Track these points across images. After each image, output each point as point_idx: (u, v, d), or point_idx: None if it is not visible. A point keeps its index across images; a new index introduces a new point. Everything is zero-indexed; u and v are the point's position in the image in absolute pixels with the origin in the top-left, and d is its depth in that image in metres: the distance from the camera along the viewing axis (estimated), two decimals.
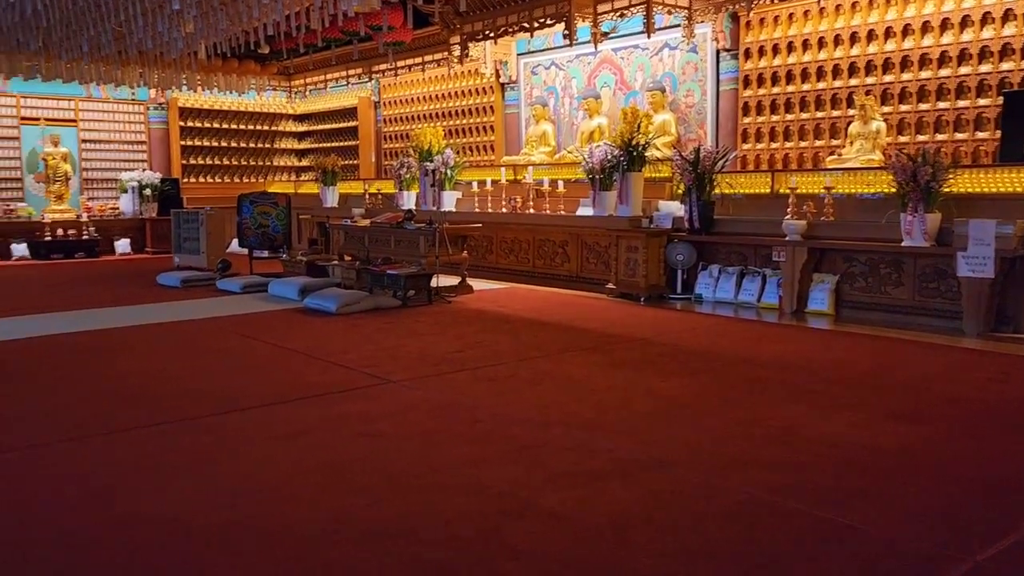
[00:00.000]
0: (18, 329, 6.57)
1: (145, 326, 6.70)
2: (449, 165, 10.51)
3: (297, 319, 6.99)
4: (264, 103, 15.65)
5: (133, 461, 3.45)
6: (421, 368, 5.13)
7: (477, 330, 6.47)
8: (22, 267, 11.85)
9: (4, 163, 13.36)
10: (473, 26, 10.06)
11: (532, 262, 9.38)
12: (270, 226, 9.72)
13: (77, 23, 8.73)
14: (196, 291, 8.83)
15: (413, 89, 13.40)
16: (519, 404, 4.31)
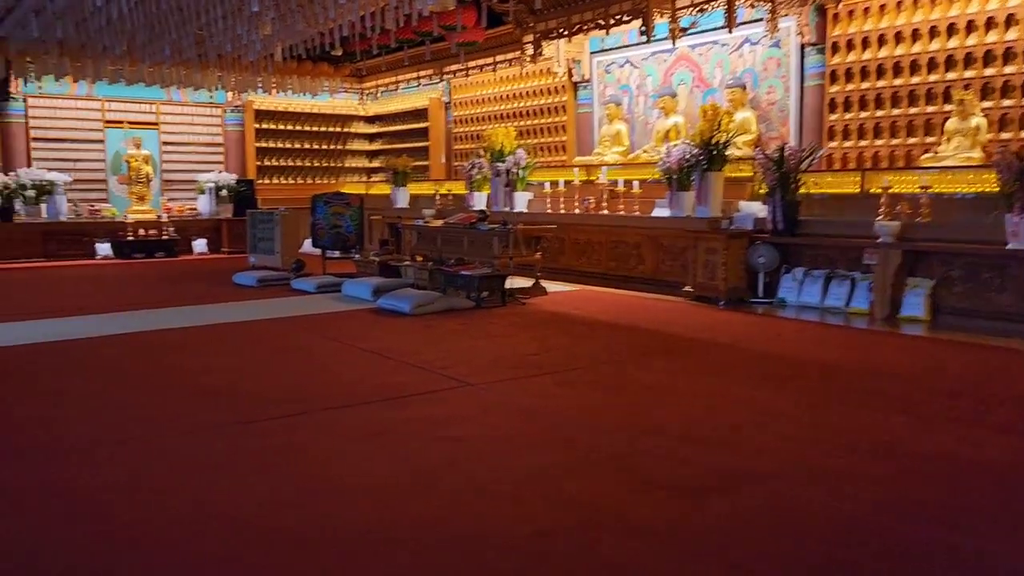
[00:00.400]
0: (102, 326, 6.70)
1: (223, 325, 6.76)
2: (521, 166, 10.40)
3: (371, 319, 6.96)
4: (336, 105, 15.82)
5: (211, 460, 3.41)
6: (498, 371, 5.01)
7: (553, 333, 6.32)
8: (106, 266, 12.19)
9: (90, 165, 13.80)
10: (547, 24, 9.92)
11: (605, 264, 9.19)
12: (343, 226, 9.76)
13: (160, 27, 8.92)
14: (271, 291, 8.91)
15: (484, 89, 13.34)
16: (602, 410, 4.15)
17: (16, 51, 10.45)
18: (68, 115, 13.56)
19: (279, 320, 6.96)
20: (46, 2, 8.19)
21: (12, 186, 12.47)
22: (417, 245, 9.12)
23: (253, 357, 5.54)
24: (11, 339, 6.09)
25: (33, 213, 12.68)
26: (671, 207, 8.40)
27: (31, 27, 8.95)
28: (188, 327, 6.64)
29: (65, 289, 9.39)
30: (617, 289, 8.75)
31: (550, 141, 12.06)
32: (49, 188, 12.76)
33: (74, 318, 7.14)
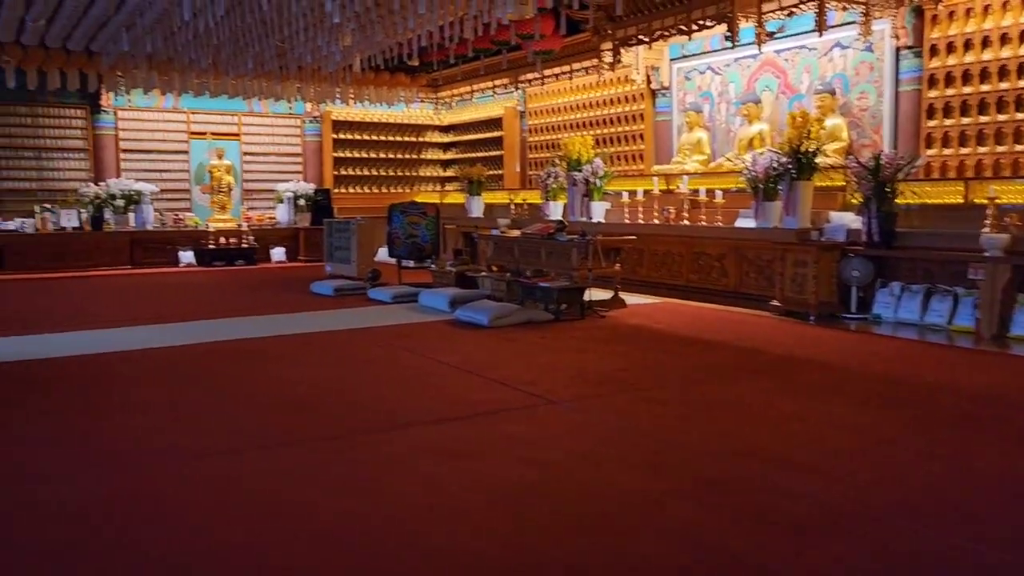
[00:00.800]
0: (186, 335, 6.79)
1: (303, 335, 6.77)
2: (598, 175, 10.21)
3: (449, 331, 6.87)
4: (412, 114, 15.92)
5: (292, 476, 3.33)
6: (583, 388, 4.85)
7: (637, 348, 6.12)
8: (188, 273, 12.48)
9: (175, 175, 14.19)
10: (626, 31, 9.74)
11: (686, 276, 8.92)
12: (419, 236, 9.74)
13: (244, 40, 9.07)
14: (348, 300, 8.94)
15: (560, 98, 13.21)
16: (695, 432, 3.94)
17: (107, 65, 10.80)
18: (155, 127, 13.98)
19: (357, 331, 6.93)
20: (136, 17, 8.41)
21: (103, 196, 12.90)
22: (493, 255, 9.03)
23: (334, 369, 5.50)
24: (101, 346, 6.22)
25: (121, 222, 13.09)
26: (757, 217, 8.10)
27: (122, 42, 9.22)
28: (268, 336, 6.67)
29: (151, 297, 9.62)
30: (698, 302, 8.48)
31: (627, 150, 11.85)
32: (137, 198, 13.16)
33: (160, 326, 7.27)
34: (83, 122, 13.37)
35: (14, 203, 12.91)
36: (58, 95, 12.76)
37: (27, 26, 9.24)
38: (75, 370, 5.49)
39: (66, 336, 6.78)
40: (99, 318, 7.76)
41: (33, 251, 12.48)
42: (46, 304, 8.93)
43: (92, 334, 6.86)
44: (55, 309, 8.52)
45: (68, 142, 13.30)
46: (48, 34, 9.68)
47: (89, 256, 12.82)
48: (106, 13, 8.37)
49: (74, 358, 5.84)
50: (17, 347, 6.26)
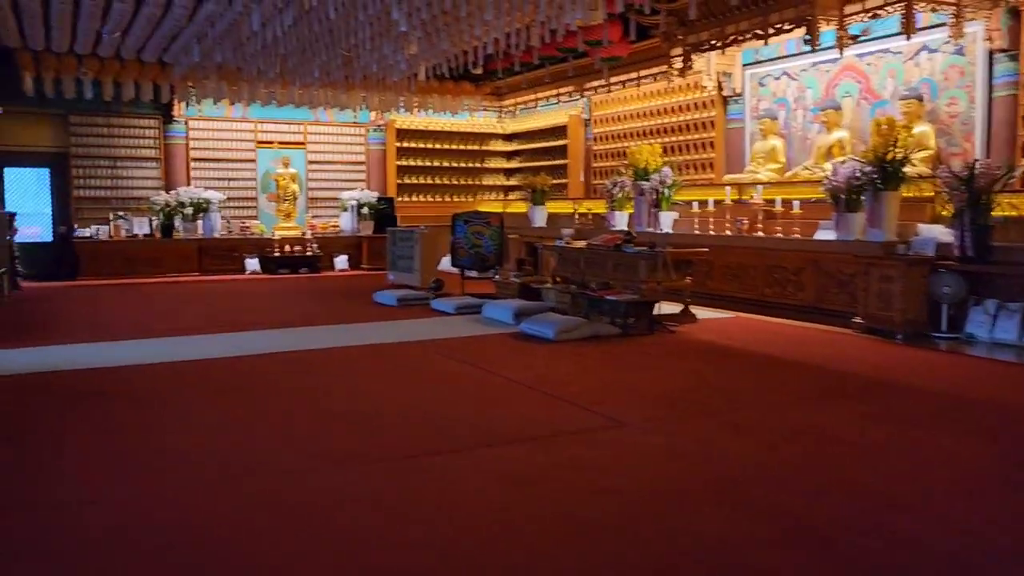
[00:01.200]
0: (253, 344, 6.74)
1: (367, 347, 6.65)
2: (667, 184, 9.91)
3: (514, 344, 6.67)
4: (475, 123, 15.84)
5: (353, 500, 3.16)
6: (655, 409, 4.58)
7: (710, 366, 5.82)
8: (254, 281, 12.59)
9: (243, 184, 14.37)
10: (698, 36, 9.43)
11: (760, 290, 8.55)
12: (483, 246, 9.59)
13: (311, 50, 9.07)
14: (411, 310, 8.83)
15: (626, 105, 12.94)
16: (781, 463, 3.64)
17: (179, 76, 10.97)
18: (224, 136, 14.18)
19: (421, 343, 6.79)
20: (207, 28, 8.47)
21: (173, 204, 13.13)
22: (558, 267, 8.81)
23: (397, 384, 5.34)
24: (169, 355, 6.20)
25: (190, 230, 13.30)
26: (838, 229, 7.69)
27: (193, 52, 9.32)
28: (333, 348, 6.57)
29: (218, 304, 9.68)
30: (773, 317, 8.10)
31: (696, 158, 11.50)
32: (205, 206, 13.35)
33: (227, 335, 7.24)
34: (155, 132, 13.65)
35: (90, 211, 13.23)
36: (132, 106, 13.04)
37: (104, 38, 9.42)
38: (143, 381, 5.46)
39: (135, 344, 6.80)
40: (168, 326, 7.80)
41: (106, 258, 12.76)
42: (117, 311, 9.06)
43: (160, 342, 6.88)
44: (126, 316, 8.62)
45: (141, 151, 13.59)
46: (123, 46, 9.86)
47: (159, 263, 13.05)
48: (178, 24, 8.46)
49: (143, 367, 5.83)
50: (87, 355, 6.29)
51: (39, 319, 8.37)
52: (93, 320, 8.28)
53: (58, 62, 10.53)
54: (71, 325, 7.93)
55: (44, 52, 10.29)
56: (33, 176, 13.32)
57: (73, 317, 8.51)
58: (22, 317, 8.54)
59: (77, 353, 6.39)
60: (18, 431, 4.23)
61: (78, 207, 13.15)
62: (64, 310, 9.09)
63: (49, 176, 13.32)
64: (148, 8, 7.84)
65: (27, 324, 8.03)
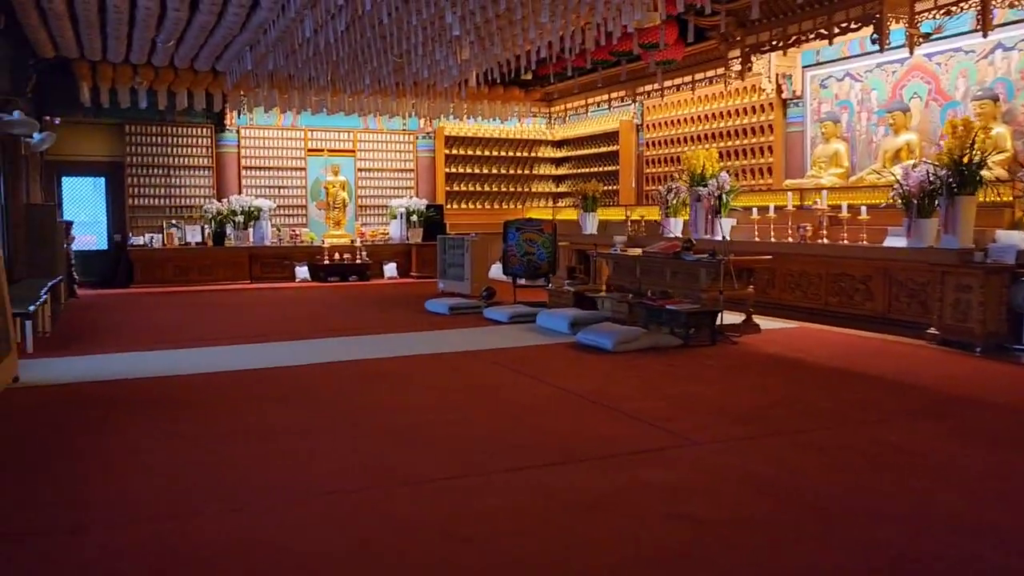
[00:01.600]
0: (305, 354, 6.65)
1: (421, 357, 6.51)
2: (725, 190, 9.62)
3: (571, 355, 6.47)
4: (524, 130, 15.68)
5: (414, 523, 2.99)
6: (725, 426, 4.34)
7: (779, 380, 5.55)
8: (304, 289, 12.58)
9: (292, 192, 14.42)
10: (758, 37, 9.14)
11: (824, 299, 8.21)
12: (535, 254, 9.41)
13: (363, 56, 9.01)
14: (463, 319, 8.68)
15: (679, 110, 12.66)
16: (866, 488, 3.38)
17: (231, 84, 11.01)
18: (274, 144, 14.25)
19: (476, 353, 6.62)
20: (260, 35, 8.46)
21: (224, 212, 13.21)
22: (613, 275, 8.59)
23: (455, 396, 5.18)
24: (224, 364, 6.14)
25: (241, 238, 13.37)
26: (909, 236, 7.35)
27: (246, 60, 9.33)
28: (387, 357, 6.44)
29: (270, 312, 9.65)
30: (839, 328, 7.78)
31: (754, 163, 11.18)
32: (256, 214, 13.42)
33: (281, 343, 7.18)
34: (208, 140, 13.77)
35: (144, 219, 13.38)
36: (185, 115, 13.16)
37: (158, 47, 9.48)
38: (200, 390, 5.39)
39: (191, 353, 6.77)
40: (221, 334, 7.77)
41: (159, 265, 12.88)
42: (171, 318, 9.08)
43: (216, 351, 6.83)
44: (180, 324, 8.63)
45: (194, 160, 13.71)
46: (177, 55, 9.92)
47: (211, 271, 13.14)
48: (231, 32, 8.46)
49: (199, 376, 5.77)
50: (144, 364, 6.27)
51: (96, 326, 8.42)
52: (148, 328, 8.30)
53: (114, 72, 10.65)
54: (127, 333, 7.95)
55: (101, 62, 10.42)
56: (89, 185, 13.54)
57: (129, 325, 8.54)
58: (79, 324, 8.60)
59: (134, 361, 6.37)
60: (76, 442, 4.17)
61: (132, 215, 13.32)
62: (120, 317, 9.15)
63: (105, 185, 13.52)
64: (202, 16, 7.85)
65: (84, 331, 8.08)
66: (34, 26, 8.15)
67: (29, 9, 7.49)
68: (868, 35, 8.05)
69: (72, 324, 8.65)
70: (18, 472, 3.72)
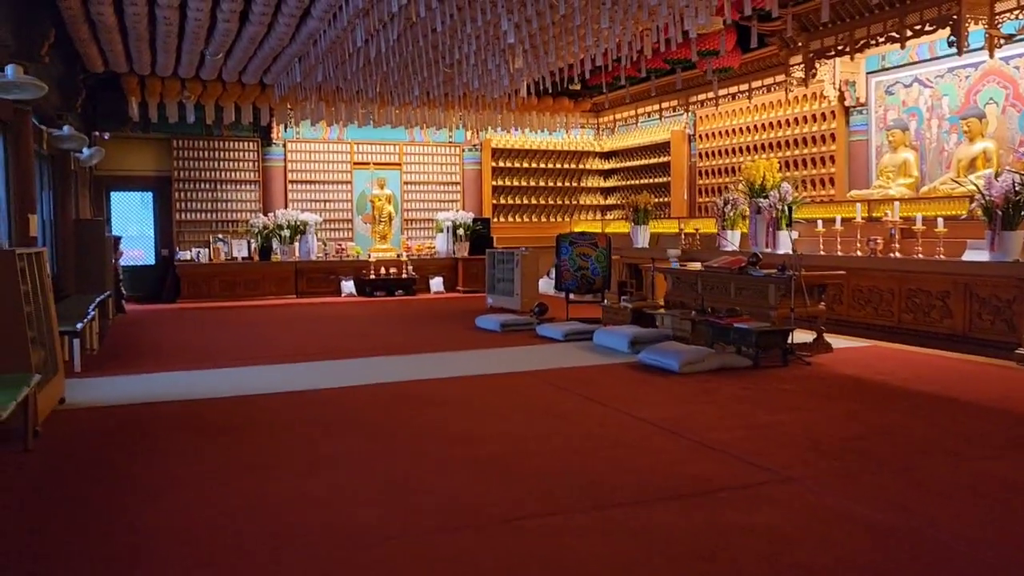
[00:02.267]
0: (355, 374, 6.41)
1: (475, 378, 6.23)
2: (787, 201, 9.22)
3: (635, 377, 6.13)
4: (571, 141, 15.39)
5: (484, 571, 2.70)
6: (819, 459, 3.98)
7: (865, 406, 5.15)
8: (350, 304, 12.41)
9: (338, 206, 14.29)
10: (823, 42, 8.75)
11: (897, 316, 7.77)
12: (589, 268, 9.10)
13: (413, 67, 8.81)
14: (516, 336, 8.38)
15: (734, 119, 12.27)
16: (1001, 535, 3.00)
17: (279, 98, 10.90)
18: (320, 158, 14.14)
19: (534, 374, 6.32)
20: (309, 47, 8.30)
21: (271, 226, 13.12)
22: (673, 290, 8.23)
23: (520, 424, 4.88)
24: (266, 386, 5.92)
25: (287, 252, 13.26)
26: (992, 249, 6.89)
27: (294, 73, 9.18)
28: (439, 379, 6.17)
29: (317, 329, 9.46)
30: (914, 347, 7.34)
31: (815, 174, 10.73)
32: (302, 228, 13.30)
33: (329, 362, 6.96)
34: (255, 154, 13.71)
35: (191, 233, 13.35)
36: (232, 129, 13.12)
37: (206, 61, 9.39)
38: (246, 414, 5.16)
39: (241, 372, 6.57)
40: (267, 352, 7.58)
41: (206, 280, 12.82)
42: (217, 336, 8.93)
43: (261, 371, 6.63)
44: (228, 341, 8.47)
45: (241, 174, 13.65)
46: (225, 68, 9.83)
47: (257, 285, 13.04)
48: (281, 43, 8.31)
49: (245, 399, 5.55)
50: (195, 384, 6.08)
51: (142, 344, 8.30)
52: (193, 346, 8.15)
53: (162, 86, 10.60)
54: (173, 351, 7.80)
55: (149, 76, 10.37)
56: (137, 199, 13.55)
57: (174, 342, 8.41)
58: (126, 342, 8.49)
59: (179, 382, 6.19)
60: (120, 472, 3.95)
61: (179, 230, 13.29)
62: (166, 334, 9.03)
63: (152, 199, 13.52)
64: (252, 27, 7.70)
65: (130, 349, 7.95)
66: (84, 40, 8.08)
67: (79, 22, 7.41)
68: (942, 38, 7.64)
69: (119, 341, 8.54)
70: (57, 503, 3.51)
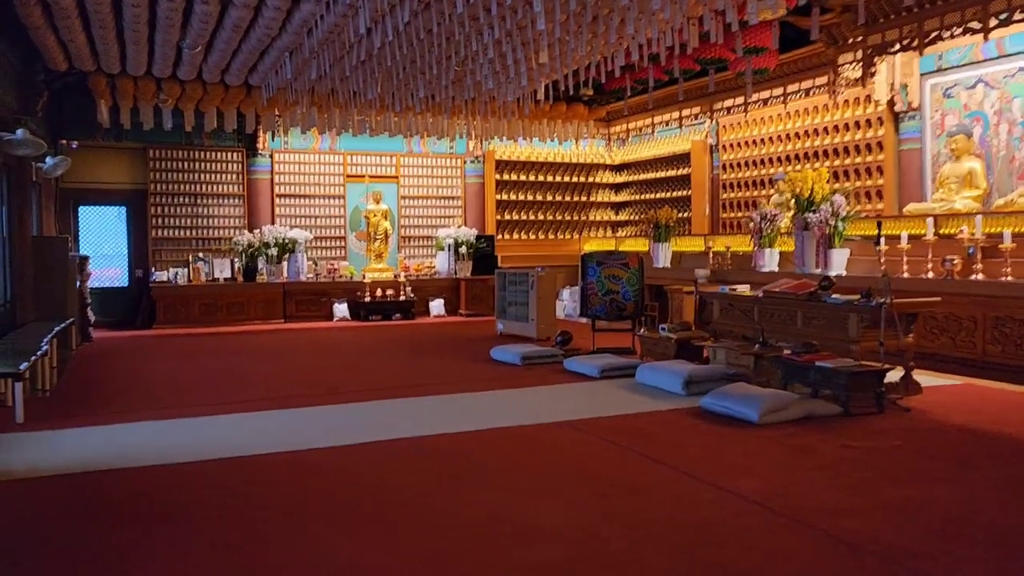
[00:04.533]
0: (353, 424, 5.28)
1: (505, 431, 5.09)
2: (840, 215, 8.19)
3: (704, 429, 5.02)
4: (580, 153, 14.35)
5: None
6: (1004, 561, 2.89)
7: (1015, 471, 4.07)
8: (343, 330, 11.27)
9: (330, 222, 13.15)
10: (884, 36, 7.75)
11: (981, 347, 6.73)
12: (620, 292, 8.02)
13: (419, 64, 7.74)
14: (540, 372, 7.26)
15: (763, 128, 11.28)
16: None
17: (267, 100, 9.80)
18: (311, 170, 13.02)
19: (576, 424, 5.19)
20: (303, 36, 7.21)
21: (256, 244, 11.97)
22: (721, 318, 7.15)
23: (574, 499, 3.75)
24: (249, 443, 4.77)
25: (275, 272, 12.10)
26: None
27: (285, 70, 8.08)
28: (459, 433, 5.02)
29: (308, 361, 8.30)
30: (1005, 383, 6.30)
31: (859, 186, 9.71)
32: (291, 246, 12.17)
33: (319, 408, 5.81)
34: (238, 166, 12.56)
35: (168, 252, 12.17)
36: (214, 138, 12.02)
37: (184, 55, 8.27)
38: (226, 488, 4.01)
39: (216, 424, 5.42)
40: (251, 391, 6.45)
41: (185, 303, 11.64)
42: (194, 370, 7.76)
43: (243, 421, 5.48)
44: (204, 376, 7.31)
45: (223, 187, 12.49)
46: (206, 65, 8.72)
47: (241, 309, 11.87)
48: (269, 33, 7.22)
49: (224, 464, 4.40)
50: (158, 441, 4.93)
51: (109, 381, 7.13)
52: (170, 382, 6.99)
53: (135, 87, 9.46)
54: (144, 390, 6.63)
55: (120, 76, 9.23)
56: (109, 215, 12.36)
57: (147, 378, 7.24)
58: (90, 378, 7.32)
59: (149, 436, 5.04)
60: None
61: (156, 248, 12.10)
62: (138, 368, 7.85)
63: (126, 215, 12.34)
64: (235, 11, 6.59)
65: (94, 388, 6.79)
66: (39, 28, 6.95)
67: (31, 5, 6.29)
68: (1018, 31, 6.67)
69: (80, 377, 7.37)
70: None
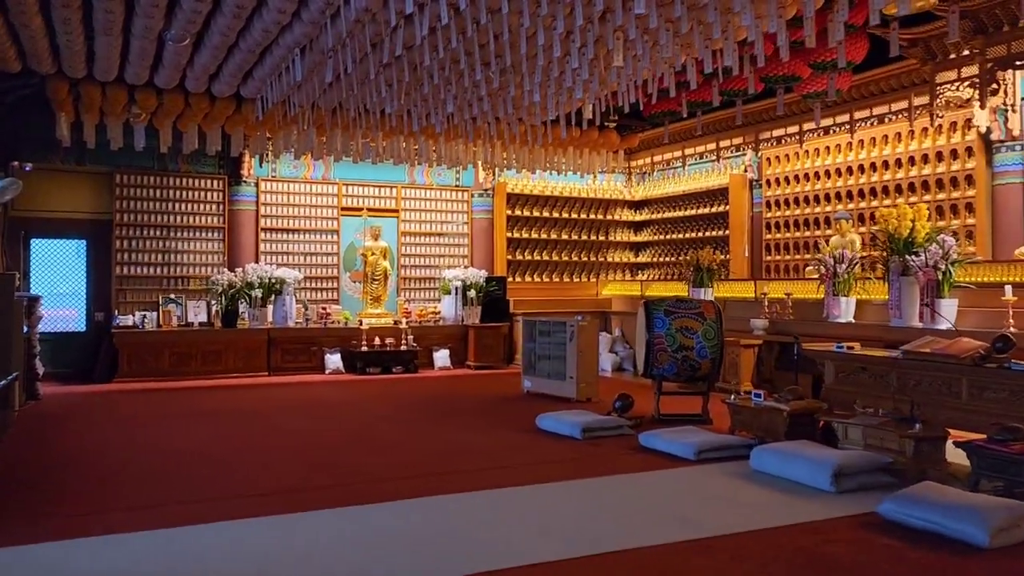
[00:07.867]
0: (356, 552, 3.74)
1: (609, 559, 3.58)
2: (950, 259, 6.89)
3: (913, 560, 3.55)
4: (597, 188, 13.03)
5: None
6: None
7: None
8: (337, 385, 9.68)
9: (323, 259, 11.63)
10: (1009, 48, 6.55)
11: None
12: (695, 348, 6.60)
13: (451, 69, 6.37)
14: (607, 449, 5.76)
15: (816, 160, 10.06)
16: None
17: (260, 116, 8.33)
18: (301, 201, 11.52)
19: (712, 544, 3.70)
20: (321, 27, 5.78)
21: (238, 285, 10.38)
22: (838, 384, 5.74)
23: None
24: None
25: (258, 317, 10.50)
26: None
27: (292, 72, 6.62)
28: (537, 565, 3.49)
29: (299, 432, 6.68)
30: None
31: (942, 226, 8.44)
32: (277, 287, 10.61)
33: (316, 513, 4.22)
34: (219, 195, 11.02)
35: (135, 292, 10.54)
36: (192, 163, 10.54)
37: (165, 53, 6.80)
38: None
39: (182, 538, 3.83)
40: (238, 481, 4.87)
41: (154, 352, 9.98)
42: (159, 444, 6.13)
43: (213, 537, 3.90)
44: (168, 455, 5.69)
45: (201, 219, 10.92)
46: (191, 66, 7.25)
47: (219, 359, 10.23)
48: (280, 20, 5.77)
49: None
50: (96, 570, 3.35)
51: (44, 465, 5.47)
52: (120, 466, 5.36)
53: (103, 97, 7.92)
54: (86, 482, 4.98)
55: (85, 81, 7.70)
56: (67, 249, 10.70)
57: (93, 460, 5.58)
58: (29, 456, 5.69)
59: (102, 565, 3.45)
60: None
61: (120, 287, 10.46)
62: (85, 443, 6.19)
63: (86, 249, 10.70)
64: None
65: (31, 475, 5.16)
66: None
67: None
68: None
69: (17, 454, 5.73)
70: None
